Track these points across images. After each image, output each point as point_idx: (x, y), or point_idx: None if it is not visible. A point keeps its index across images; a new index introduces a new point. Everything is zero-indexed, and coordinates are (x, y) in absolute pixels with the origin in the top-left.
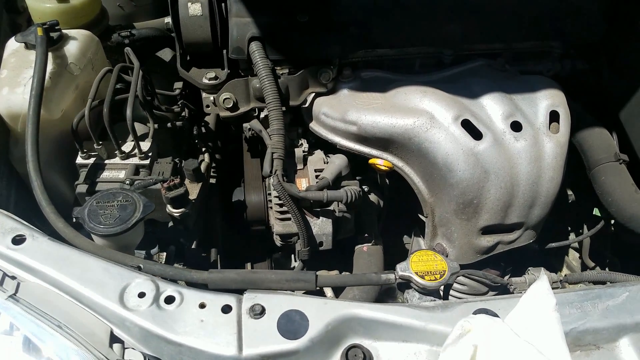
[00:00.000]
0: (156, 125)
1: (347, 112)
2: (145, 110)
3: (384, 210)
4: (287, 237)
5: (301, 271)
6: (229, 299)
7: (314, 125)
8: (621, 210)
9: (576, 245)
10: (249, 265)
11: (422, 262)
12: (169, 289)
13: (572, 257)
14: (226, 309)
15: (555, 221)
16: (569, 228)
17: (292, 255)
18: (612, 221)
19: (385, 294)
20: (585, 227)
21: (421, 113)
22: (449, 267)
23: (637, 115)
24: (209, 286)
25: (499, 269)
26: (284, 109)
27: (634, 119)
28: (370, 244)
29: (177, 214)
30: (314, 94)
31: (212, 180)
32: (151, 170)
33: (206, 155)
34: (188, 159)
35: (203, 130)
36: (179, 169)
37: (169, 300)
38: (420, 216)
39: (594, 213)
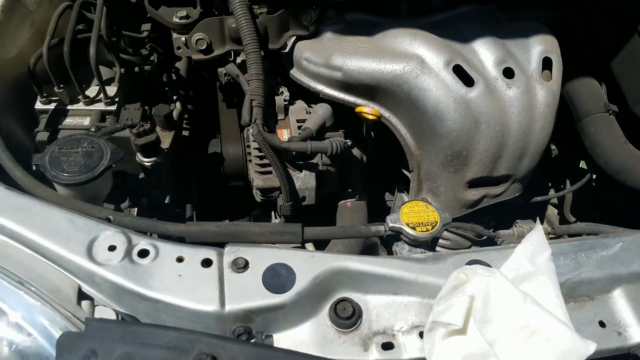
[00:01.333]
0: (123, 70)
1: (331, 56)
2: (111, 53)
3: (367, 165)
4: (268, 191)
5: (286, 223)
6: (209, 253)
7: (295, 72)
8: (610, 161)
9: (555, 200)
10: (226, 222)
11: (413, 213)
12: (142, 242)
13: (552, 212)
14: (206, 263)
15: (538, 175)
16: (549, 184)
17: (273, 212)
18: (594, 176)
19: (368, 251)
20: (567, 182)
21: (411, 57)
22: (441, 218)
23: (629, 64)
24: (187, 239)
25: (482, 223)
26: (262, 53)
27: (626, 68)
28: (354, 200)
29: (149, 164)
30: (295, 37)
31: (185, 133)
32: (119, 117)
33: (177, 104)
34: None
35: (174, 77)
36: (149, 115)
37: (143, 253)
38: (405, 171)
39: (580, 166)
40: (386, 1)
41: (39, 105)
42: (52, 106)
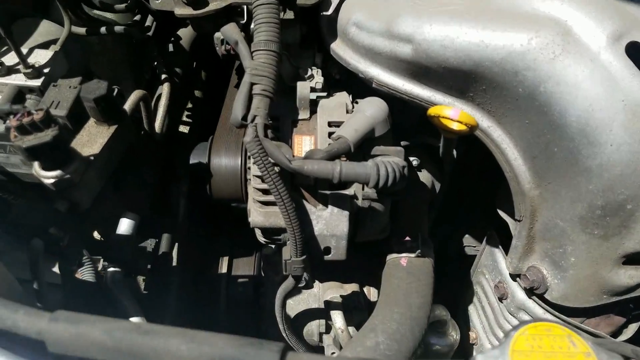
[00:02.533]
0: (85, 31)
1: (397, 18)
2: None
3: (439, 198)
4: (273, 232)
5: (250, 348)
6: None
7: (336, 47)
8: None
9: None
10: (225, 260)
11: (539, 354)
12: None
13: None
14: None
15: None
16: None
17: None
18: None
19: None
20: None
21: (544, 24)
22: None
23: None
24: (49, 348)
25: (625, 314)
26: (292, 14)
27: None
28: (413, 255)
29: (50, 181)
30: None
31: (184, 129)
32: (43, 96)
33: (165, 86)
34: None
35: (170, 47)
36: (101, 99)
37: None
38: (503, 214)
39: None
40: None
41: None
42: None
